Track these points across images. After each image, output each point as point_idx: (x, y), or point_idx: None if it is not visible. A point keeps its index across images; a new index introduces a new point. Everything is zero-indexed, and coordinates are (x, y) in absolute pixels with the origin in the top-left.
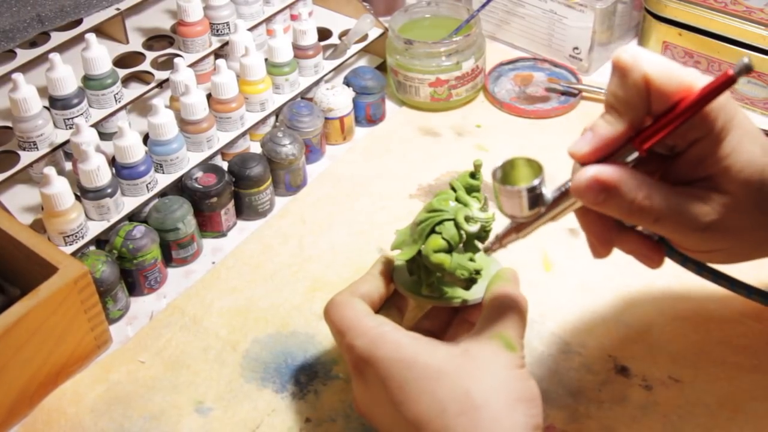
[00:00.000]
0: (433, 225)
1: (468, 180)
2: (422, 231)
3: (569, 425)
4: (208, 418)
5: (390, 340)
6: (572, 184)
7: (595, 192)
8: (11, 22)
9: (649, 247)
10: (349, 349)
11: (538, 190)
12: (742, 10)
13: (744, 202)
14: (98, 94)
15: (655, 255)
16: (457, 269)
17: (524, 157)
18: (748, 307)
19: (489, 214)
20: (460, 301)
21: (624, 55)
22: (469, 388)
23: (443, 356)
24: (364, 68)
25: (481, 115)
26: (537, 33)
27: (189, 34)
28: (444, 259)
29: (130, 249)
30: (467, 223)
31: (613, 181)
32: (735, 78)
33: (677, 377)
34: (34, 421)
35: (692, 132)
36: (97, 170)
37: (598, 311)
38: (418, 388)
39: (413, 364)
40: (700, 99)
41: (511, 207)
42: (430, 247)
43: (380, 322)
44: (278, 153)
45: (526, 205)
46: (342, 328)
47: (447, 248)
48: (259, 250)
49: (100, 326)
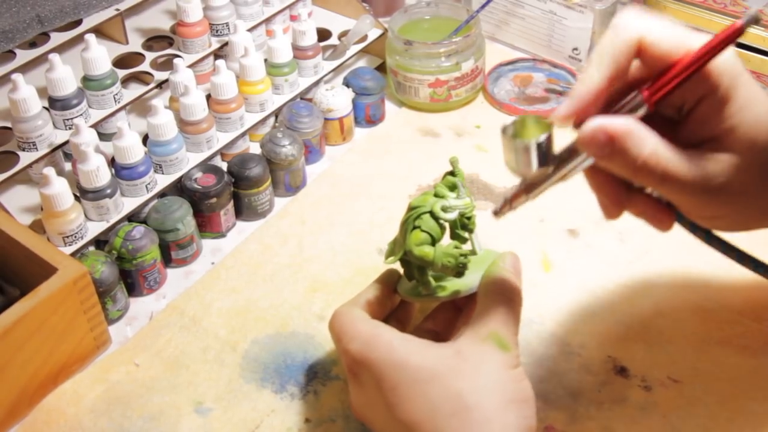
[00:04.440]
0: (413, 221)
1: (448, 178)
2: (404, 230)
3: (569, 426)
4: (207, 418)
5: (383, 342)
6: (578, 135)
7: (600, 144)
8: (11, 23)
9: (660, 209)
10: (345, 352)
11: (546, 145)
12: (741, 11)
13: (750, 164)
14: (98, 95)
15: (665, 217)
16: (442, 258)
17: (534, 116)
18: (747, 308)
19: (466, 201)
20: (451, 293)
21: (625, 14)
22: (460, 389)
23: (435, 357)
24: (363, 69)
25: (481, 115)
26: (536, 34)
27: (188, 35)
28: (427, 251)
29: (130, 249)
30: (445, 212)
31: (619, 132)
32: (743, 29)
33: (676, 378)
34: (34, 421)
35: (700, 87)
36: (96, 171)
37: (597, 312)
38: (410, 390)
39: (405, 366)
40: (709, 50)
41: (519, 163)
42: (412, 242)
43: (374, 326)
44: (278, 153)
45: (535, 161)
46: (338, 333)
47: (429, 241)
48: (259, 251)
49: (99, 327)
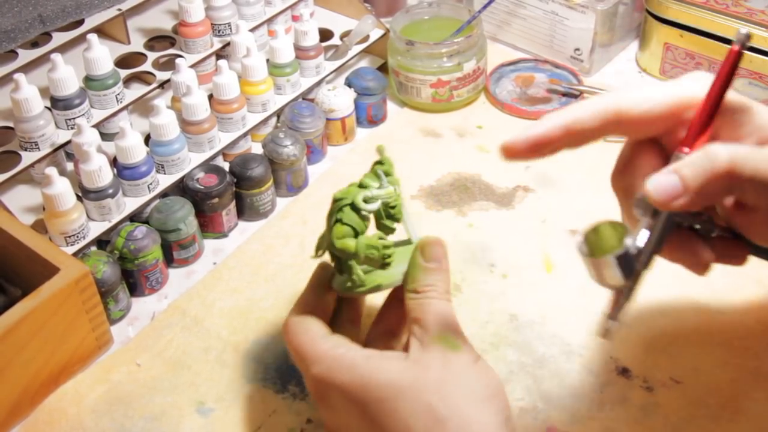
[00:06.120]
0: (335, 214)
1: (375, 167)
2: (328, 224)
3: (570, 426)
4: (209, 418)
5: (345, 364)
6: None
7: (673, 195)
8: (13, 23)
9: (734, 244)
10: (307, 377)
11: (628, 253)
12: (743, 12)
13: None
14: (100, 95)
15: (740, 252)
16: (365, 251)
17: (606, 223)
18: (749, 309)
19: (389, 190)
20: (373, 287)
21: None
22: (429, 401)
23: (397, 372)
24: (365, 69)
25: (483, 116)
26: (538, 34)
27: (190, 35)
28: (348, 244)
29: (132, 249)
30: (367, 203)
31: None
32: (741, 51)
33: (678, 378)
34: (36, 421)
35: None
36: (98, 171)
37: (599, 313)
38: (379, 411)
39: (369, 386)
40: (723, 82)
41: (606, 278)
42: (334, 236)
43: (334, 344)
44: (279, 154)
45: (621, 272)
46: (299, 354)
47: (352, 233)
48: (261, 251)
49: (101, 327)
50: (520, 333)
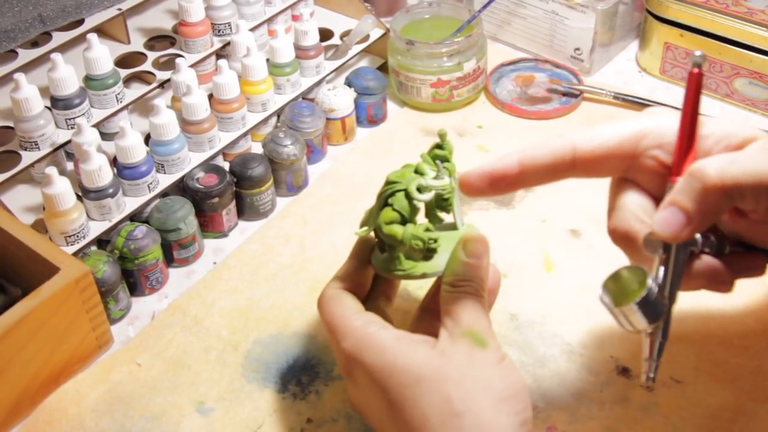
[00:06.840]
0: (386, 197)
1: (435, 152)
2: (378, 205)
3: (570, 426)
4: (209, 418)
5: (374, 344)
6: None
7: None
8: (13, 22)
9: (748, 258)
10: (337, 349)
11: (651, 292)
12: (743, 12)
13: None
14: (100, 94)
15: (760, 262)
16: (410, 240)
17: (625, 269)
18: (749, 309)
19: (444, 182)
20: (420, 275)
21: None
22: (449, 394)
23: (422, 359)
24: (365, 69)
25: (483, 115)
26: (538, 34)
27: (190, 35)
28: (395, 230)
29: (132, 249)
30: (421, 193)
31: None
32: (701, 72)
33: (678, 378)
34: (36, 421)
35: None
36: (98, 170)
37: (599, 312)
38: (400, 396)
39: (393, 370)
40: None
41: (633, 324)
42: (382, 220)
43: (367, 321)
44: (280, 153)
45: (645, 318)
46: (331, 327)
47: (399, 219)
48: (261, 251)
49: (101, 326)
50: (520, 333)
